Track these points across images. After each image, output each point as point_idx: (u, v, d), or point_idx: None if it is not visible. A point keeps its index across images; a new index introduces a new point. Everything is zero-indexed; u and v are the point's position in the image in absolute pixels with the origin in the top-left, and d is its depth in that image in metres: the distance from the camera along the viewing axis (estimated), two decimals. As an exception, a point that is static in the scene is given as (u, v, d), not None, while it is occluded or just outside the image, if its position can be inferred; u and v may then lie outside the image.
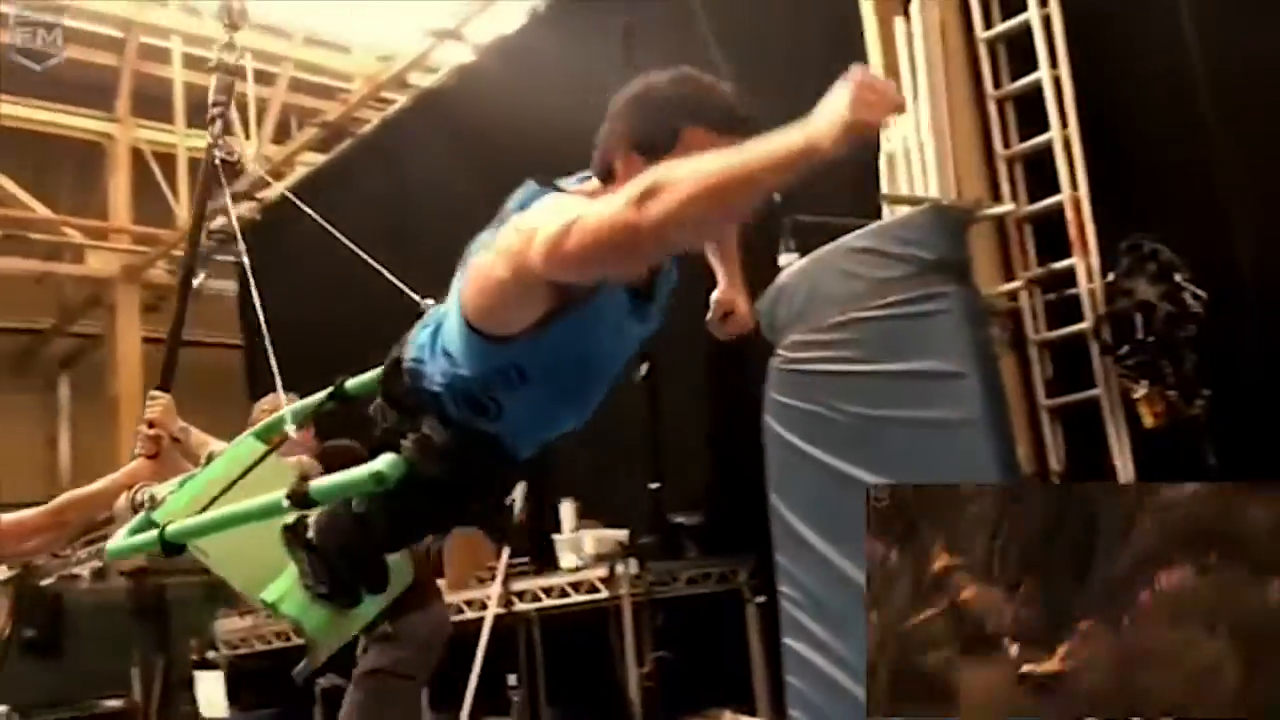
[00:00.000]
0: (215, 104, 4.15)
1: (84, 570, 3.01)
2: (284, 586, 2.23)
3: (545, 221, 1.61)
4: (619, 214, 1.50)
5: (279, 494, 1.98)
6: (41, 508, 2.88)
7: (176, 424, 2.75)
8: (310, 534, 2.13)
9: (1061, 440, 3.79)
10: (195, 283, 8.94)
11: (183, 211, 8.46)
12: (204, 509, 2.22)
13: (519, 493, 5.07)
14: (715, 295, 2.19)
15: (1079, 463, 3.73)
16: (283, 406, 2.35)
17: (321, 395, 2.27)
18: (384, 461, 1.88)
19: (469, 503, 2.12)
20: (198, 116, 7.76)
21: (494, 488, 2.23)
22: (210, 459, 2.50)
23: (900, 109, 1.40)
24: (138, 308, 9.38)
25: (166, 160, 8.63)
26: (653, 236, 1.48)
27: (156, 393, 2.80)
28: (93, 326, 9.82)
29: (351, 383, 2.28)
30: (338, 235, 1.87)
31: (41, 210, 8.79)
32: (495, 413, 1.83)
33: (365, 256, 2.73)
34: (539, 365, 1.75)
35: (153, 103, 8.82)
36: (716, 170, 1.43)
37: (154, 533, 2.17)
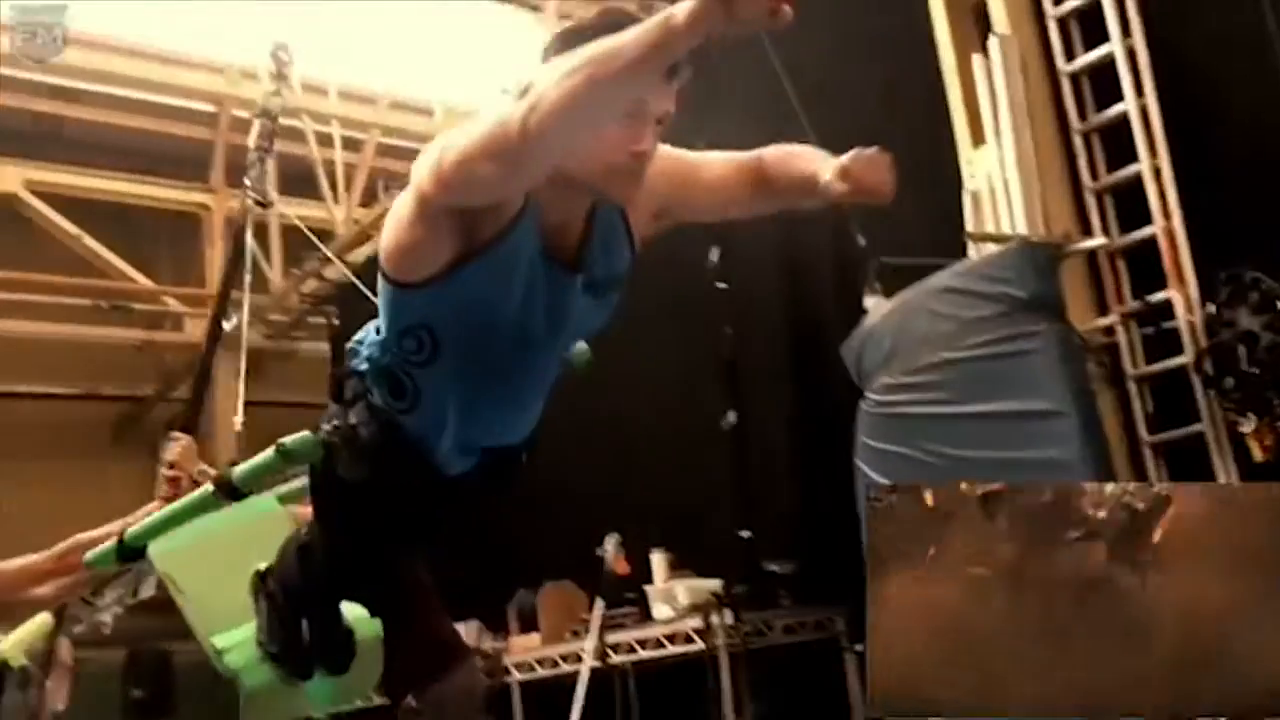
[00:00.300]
0: (256, 149, 4.29)
1: (106, 616, 3.07)
2: (239, 638, 2.21)
3: (438, 146, 1.59)
4: (501, 122, 1.47)
5: (208, 486, 2.00)
6: (45, 552, 2.91)
7: (196, 466, 2.78)
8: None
9: (1166, 477, 3.67)
10: (288, 347, 9.12)
11: (277, 278, 8.68)
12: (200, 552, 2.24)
13: (611, 543, 5.07)
14: (821, 179, 1.80)
15: (1186, 500, 3.61)
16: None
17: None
18: (294, 438, 1.88)
19: (404, 536, 2.02)
20: (289, 186, 8.01)
21: (429, 517, 2.03)
22: None
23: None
24: (236, 374, 9.60)
25: (259, 228, 8.88)
26: (539, 139, 1.44)
27: (178, 434, 2.84)
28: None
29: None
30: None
31: (142, 281, 9.09)
32: (412, 396, 1.78)
33: None
34: (448, 323, 1.69)
35: (244, 173, 9.11)
36: (587, 65, 1.39)
37: (113, 543, 2.19)
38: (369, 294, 3.80)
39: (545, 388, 1.92)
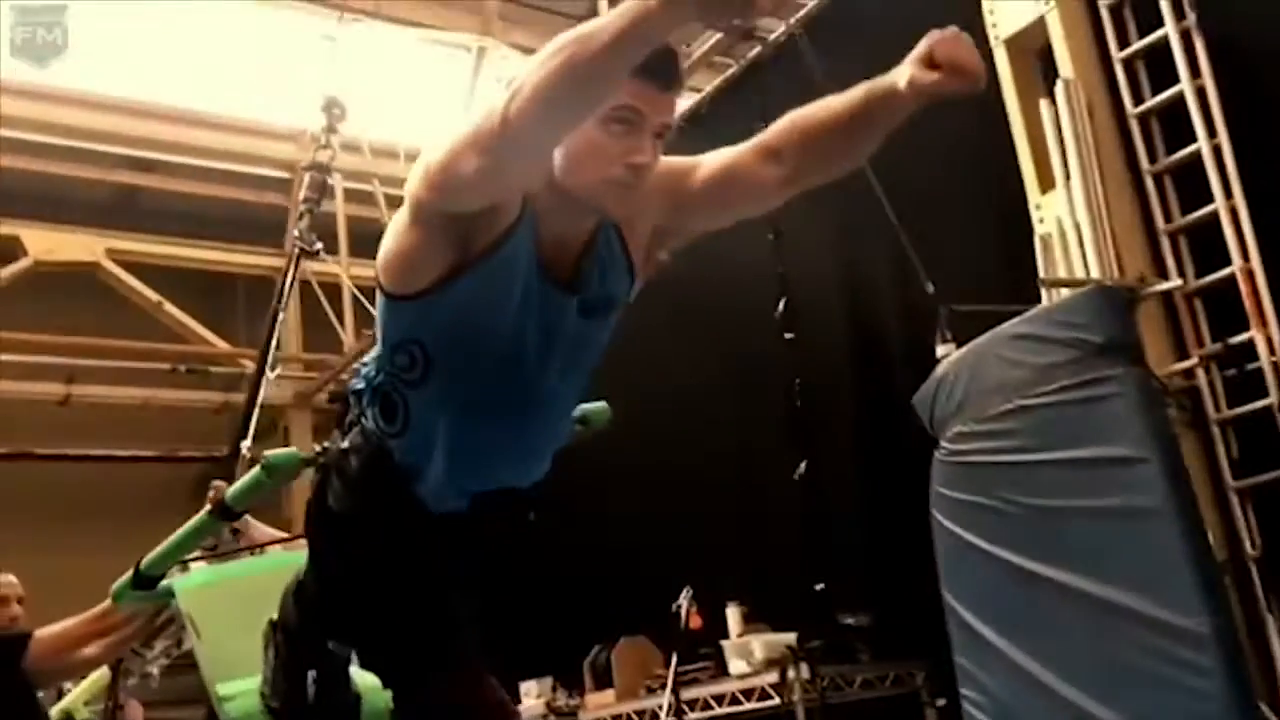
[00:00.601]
0: (305, 200, 4.36)
1: (154, 668, 3.09)
2: (244, 687, 2.18)
3: (430, 151, 1.56)
4: (486, 115, 1.45)
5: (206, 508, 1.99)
6: (83, 615, 2.94)
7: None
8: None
9: (1254, 523, 3.57)
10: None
11: (349, 338, 8.84)
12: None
13: (685, 597, 5.04)
14: (901, 83, 1.63)
15: (1275, 546, 3.51)
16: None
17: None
18: (278, 452, 1.85)
19: (403, 581, 1.87)
20: (359, 248, 8.18)
21: (428, 564, 1.89)
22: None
23: None
24: (310, 431, 9.77)
25: (332, 290, 9.06)
26: (521, 127, 1.40)
27: (218, 482, 2.85)
28: (269, 451, 10.26)
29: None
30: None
31: (220, 344, 9.30)
32: (403, 418, 1.73)
33: None
34: (439, 337, 1.65)
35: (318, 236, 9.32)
36: (565, 47, 1.36)
37: (130, 573, 2.19)
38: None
39: (547, 428, 1.85)
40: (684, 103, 6.23)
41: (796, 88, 4.80)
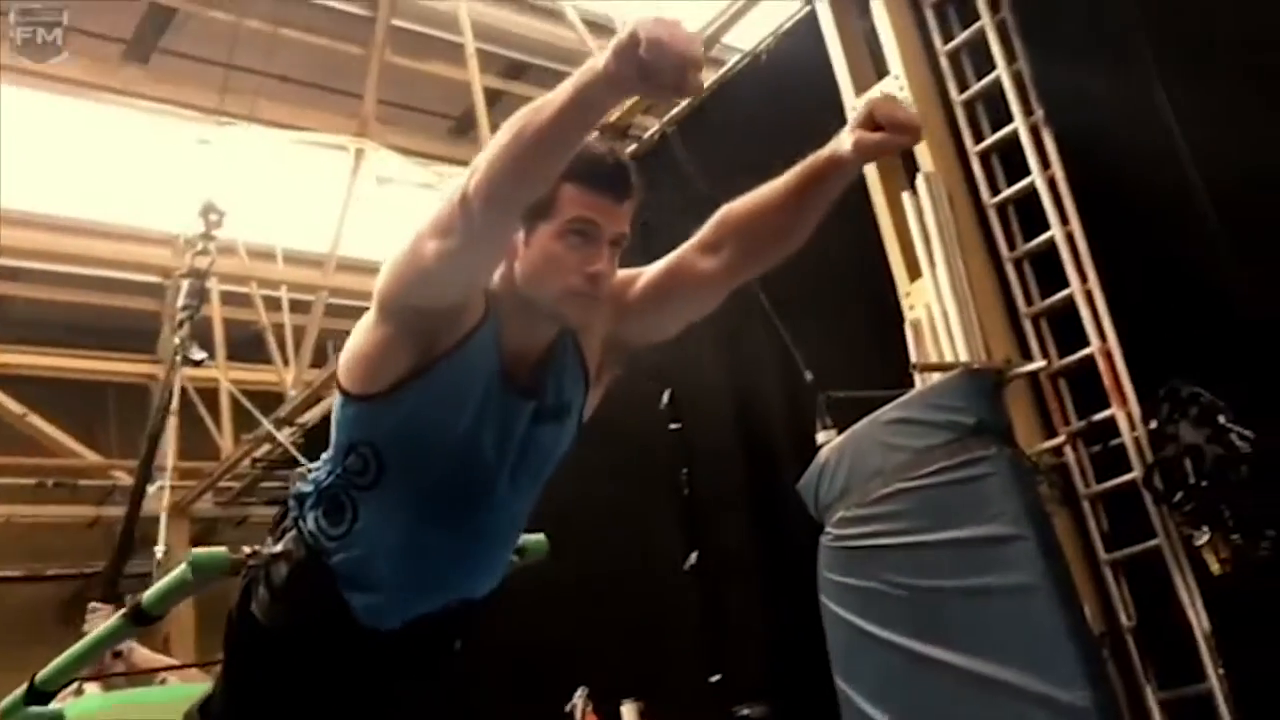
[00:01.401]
0: (184, 307, 4.31)
1: None
2: None
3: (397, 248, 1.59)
4: (446, 198, 1.49)
5: (120, 613, 1.92)
6: None
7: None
8: None
9: (1127, 595, 3.68)
10: (240, 513, 8.96)
11: (227, 444, 8.61)
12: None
13: (580, 697, 4.97)
14: (843, 149, 1.70)
15: (1149, 616, 3.62)
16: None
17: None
18: (205, 551, 1.80)
19: (324, 701, 1.80)
20: (237, 352, 8.02)
21: (355, 685, 1.81)
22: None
23: (689, 44, 1.28)
24: (187, 542, 9.43)
25: (209, 395, 8.84)
26: (479, 202, 1.43)
27: (99, 605, 2.76)
28: (145, 565, 9.86)
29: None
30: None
31: (91, 456, 8.96)
32: (350, 521, 1.69)
33: None
34: (395, 440, 1.65)
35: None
36: (517, 120, 1.40)
37: (24, 688, 2.09)
38: (300, 459, 3.77)
39: (498, 536, 1.83)
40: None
41: (669, 180, 4.93)
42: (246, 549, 1.81)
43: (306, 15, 8.10)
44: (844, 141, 1.69)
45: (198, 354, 4.53)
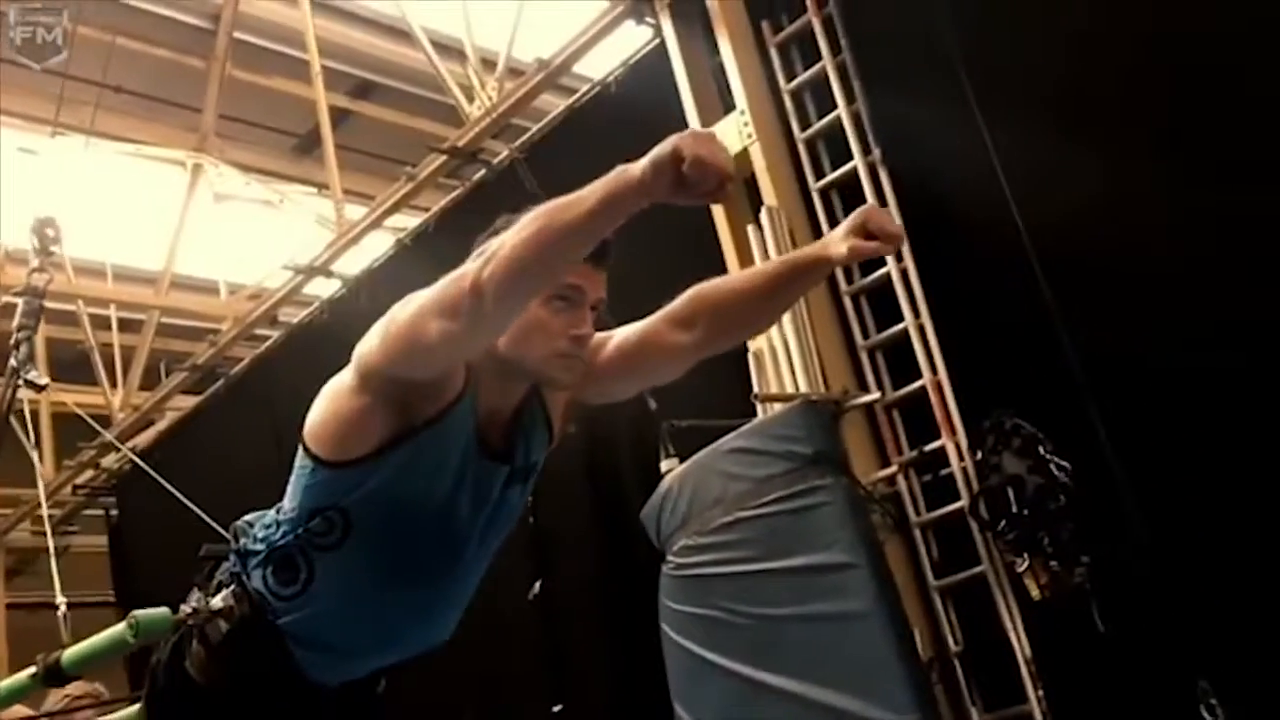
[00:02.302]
0: (21, 328, 4.10)
1: None
2: None
3: (386, 317, 1.60)
4: (454, 279, 1.50)
5: (29, 670, 1.83)
6: None
7: None
8: None
9: (954, 620, 3.80)
10: (61, 543, 8.53)
11: (48, 470, 8.15)
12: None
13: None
14: (840, 247, 1.79)
15: (975, 641, 3.74)
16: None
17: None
18: (149, 612, 1.72)
19: None
20: (64, 373, 7.62)
21: None
22: None
23: (727, 160, 1.38)
24: (2, 572, 8.90)
25: (28, 416, 8.39)
26: (493, 292, 1.45)
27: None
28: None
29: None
30: (181, 498, 1.78)
31: (-106, 481, 8.38)
32: (304, 581, 1.67)
33: (207, 519, 2.60)
34: (366, 507, 1.63)
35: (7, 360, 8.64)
36: (541, 215, 1.44)
37: None
38: (157, 477, 3.62)
39: (459, 592, 1.83)
40: (411, 220, 6.23)
41: (516, 207, 4.90)
42: (186, 608, 1.73)
43: (145, 25, 7.81)
44: (836, 245, 1.80)
45: (40, 378, 4.29)
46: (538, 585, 5.01)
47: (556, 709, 4.83)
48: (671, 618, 3.78)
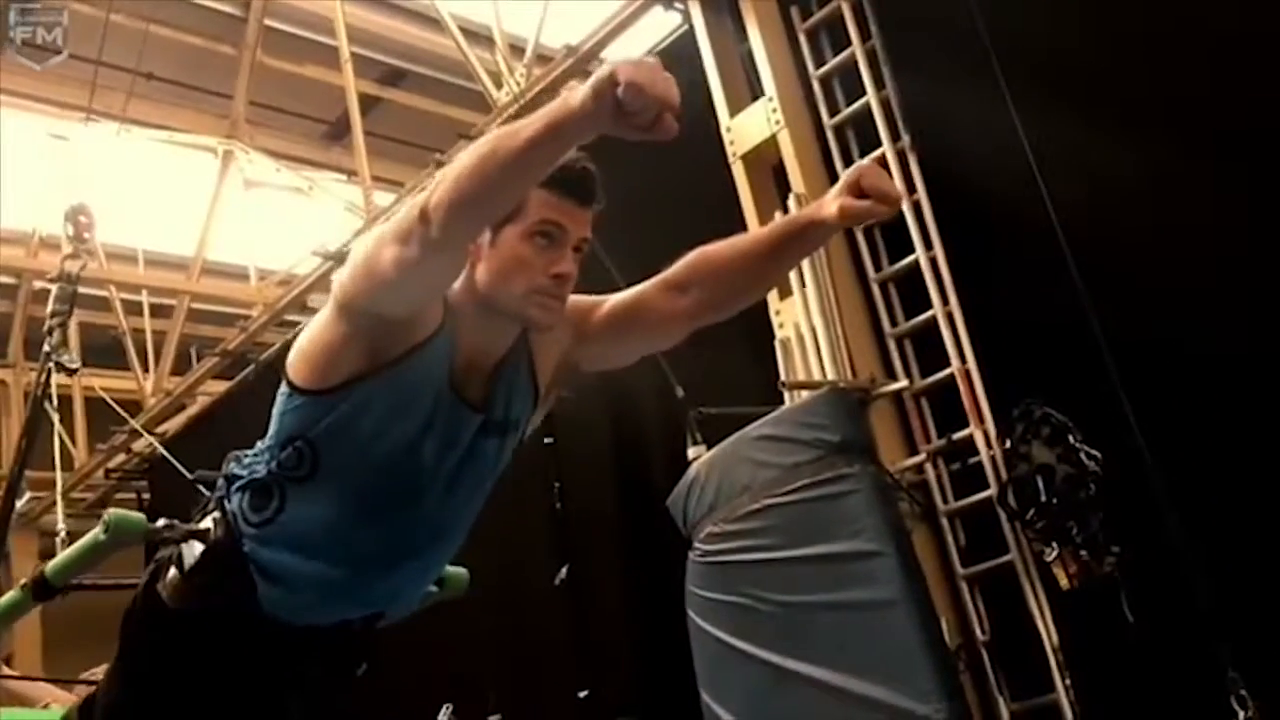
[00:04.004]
0: (54, 314, 4.14)
1: None
2: None
3: (355, 248, 1.60)
4: (409, 207, 1.50)
5: (22, 583, 1.85)
6: None
7: None
8: None
9: (981, 609, 3.79)
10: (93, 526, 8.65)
11: (81, 454, 8.26)
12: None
13: (445, 715, 4.89)
14: (830, 207, 1.73)
15: (1003, 630, 3.73)
16: None
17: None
18: (122, 512, 1.76)
19: (224, 694, 1.75)
20: (93, 357, 7.69)
21: (259, 679, 1.78)
22: None
23: (668, 89, 1.33)
24: (35, 555, 9.01)
25: (62, 401, 8.49)
26: (439, 217, 1.45)
27: None
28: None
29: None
30: (203, 490, 1.79)
31: (-68, 463, 8.50)
32: (275, 509, 1.68)
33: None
34: (333, 440, 1.64)
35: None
36: (487, 142, 1.43)
37: None
38: (179, 467, 3.66)
39: (429, 546, 1.80)
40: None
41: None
42: (163, 520, 1.75)
43: (177, 13, 7.85)
44: (828, 205, 1.74)
45: (73, 362, 4.34)
46: (564, 570, 5.02)
47: (582, 694, 4.84)
48: (698, 605, 3.79)
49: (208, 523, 1.74)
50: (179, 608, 1.72)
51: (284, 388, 1.69)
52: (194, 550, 1.72)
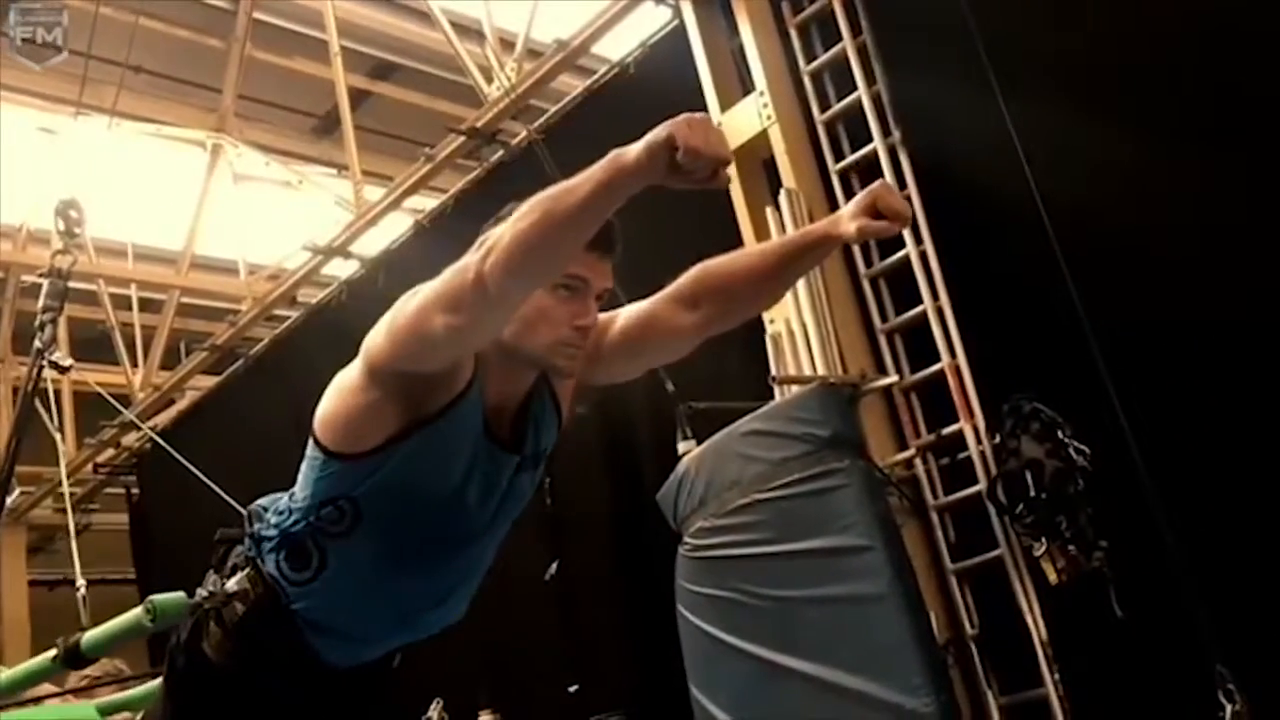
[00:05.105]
0: (46, 310, 4.13)
1: None
2: None
3: (392, 311, 1.59)
4: (457, 271, 1.49)
5: (50, 652, 1.85)
6: None
7: None
8: None
9: (970, 604, 3.80)
10: (82, 521, 8.60)
11: (70, 449, 8.21)
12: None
13: (435, 710, 4.89)
14: (848, 225, 1.78)
15: (992, 624, 3.74)
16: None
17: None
18: (166, 597, 1.74)
19: None
20: (80, 351, 7.65)
21: None
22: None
23: (722, 148, 1.37)
24: (24, 549, 8.98)
25: (51, 397, 8.46)
26: (496, 282, 1.44)
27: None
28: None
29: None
30: (202, 478, 1.80)
31: (-83, 458, 8.45)
32: (317, 567, 1.68)
33: (226, 498, 2.62)
34: (377, 497, 1.63)
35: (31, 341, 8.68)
36: (540, 203, 1.42)
37: None
38: (176, 455, 3.65)
39: (469, 577, 1.83)
40: (430, 201, 6.24)
41: (536, 188, 4.89)
42: (202, 591, 1.75)
43: (166, 6, 7.82)
44: (845, 223, 1.78)
45: (64, 360, 4.33)
46: (554, 566, 5.03)
47: (573, 689, 4.85)
48: (688, 599, 3.79)
49: (242, 582, 1.74)
50: (228, 665, 1.73)
51: (315, 452, 1.68)
52: (236, 610, 1.73)
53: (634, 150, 1.36)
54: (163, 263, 8.58)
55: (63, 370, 4.37)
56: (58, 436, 7.89)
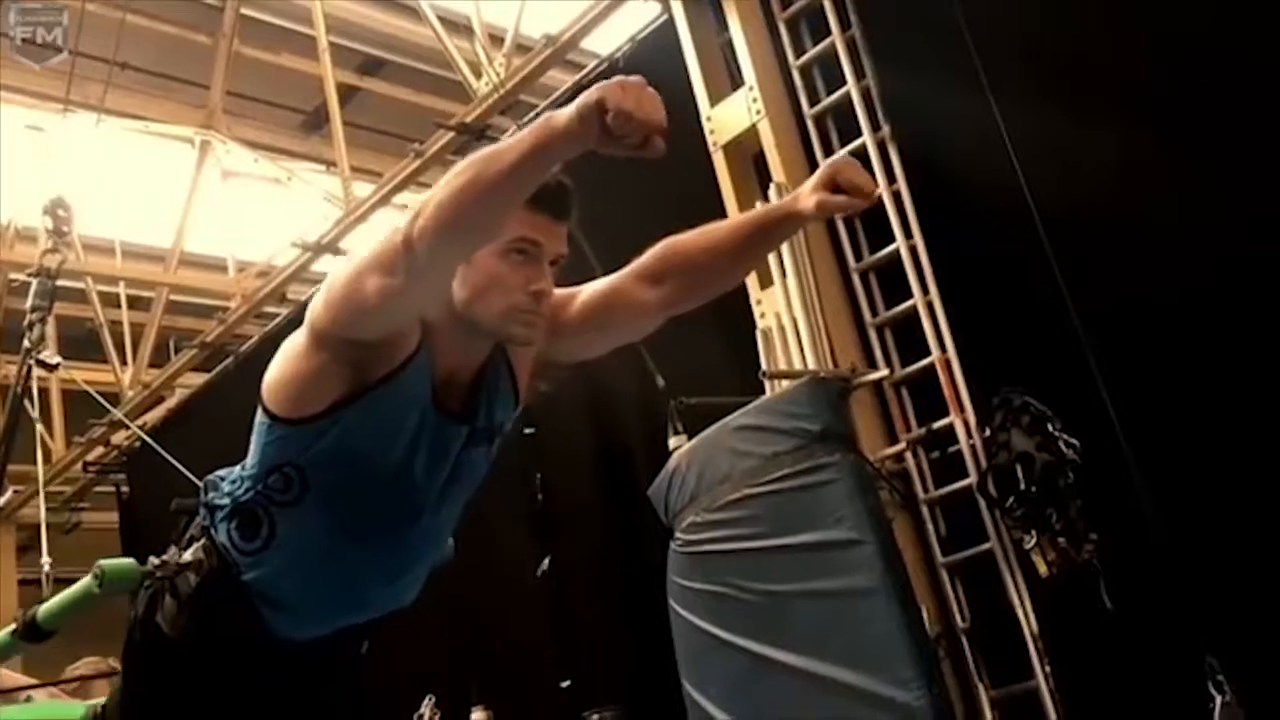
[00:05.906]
0: (34, 309, 4.12)
1: None
2: None
3: (330, 274, 1.59)
4: (390, 237, 1.48)
5: (8, 628, 1.85)
6: None
7: None
8: None
9: (961, 596, 3.81)
10: (71, 519, 8.59)
11: (59, 447, 8.20)
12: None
13: (427, 706, 4.89)
14: (808, 201, 1.78)
15: (983, 617, 3.75)
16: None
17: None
18: (115, 561, 1.74)
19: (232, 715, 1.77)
20: (69, 349, 7.63)
21: (266, 698, 1.80)
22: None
23: (655, 113, 1.33)
24: (13, 549, 8.95)
25: (39, 394, 8.42)
26: (425, 245, 1.43)
27: None
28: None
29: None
30: (191, 477, 1.79)
31: (-95, 457, 8.41)
32: (266, 537, 1.67)
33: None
34: (322, 463, 1.63)
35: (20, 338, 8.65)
36: (470, 166, 1.41)
37: None
38: (165, 454, 3.64)
39: (421, 553, 1.81)
40: (419, 197, 6.22)
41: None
42: (154, 560, 1.74)
43: (153, 2, 7.78)
44: (805, 199, 1.77)
45: (52, 358, 4.32)
46: (546, 561, 5.03)
47: (565, 684, 4.85)
48: (679, 594, 3.79)
49: (196, 553, 1.73)
50: (181, 638, 1.72)
51: (263, 417, 1.67)
52: (189, 581, 1.72)
53: (565, 113, 1.33)
54: (151, 260, 8.55)
55: (50, 369, 4.35)
56: (40, 428, 7.87)
